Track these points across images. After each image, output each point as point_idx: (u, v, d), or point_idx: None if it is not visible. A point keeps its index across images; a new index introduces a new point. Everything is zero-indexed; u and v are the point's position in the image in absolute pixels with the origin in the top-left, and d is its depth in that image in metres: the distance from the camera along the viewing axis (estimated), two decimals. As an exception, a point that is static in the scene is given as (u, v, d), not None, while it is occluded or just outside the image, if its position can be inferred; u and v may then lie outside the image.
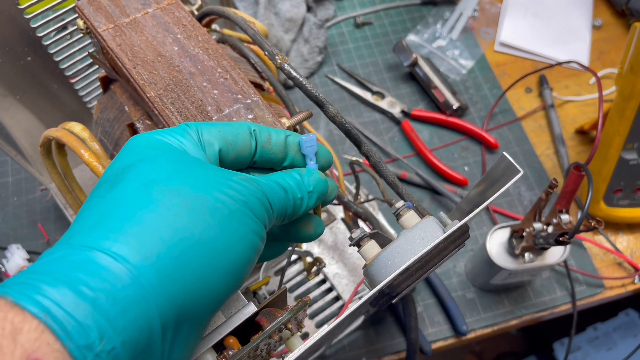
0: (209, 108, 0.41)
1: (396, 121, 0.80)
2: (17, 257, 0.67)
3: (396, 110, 0.80)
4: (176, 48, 0.44)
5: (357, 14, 0.90)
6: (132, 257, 0.23)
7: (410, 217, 0.39)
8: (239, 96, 0.42)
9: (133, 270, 0.23)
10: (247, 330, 0.33)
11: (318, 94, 0.44)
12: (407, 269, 0.34)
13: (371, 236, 0.41)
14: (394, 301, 0.36)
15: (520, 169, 0.35)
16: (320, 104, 0.44)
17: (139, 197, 0.25)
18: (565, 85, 0.86)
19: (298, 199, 0.32)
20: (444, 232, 0.36)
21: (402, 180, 0.75)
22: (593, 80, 0.87)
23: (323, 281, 0.65)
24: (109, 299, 0.21)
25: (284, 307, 0.36)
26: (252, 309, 0.32)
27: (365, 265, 0.38)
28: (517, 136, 0.80)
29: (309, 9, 0.85)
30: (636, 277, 0.70)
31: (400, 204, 0.40)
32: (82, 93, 0.61)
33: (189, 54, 0.44)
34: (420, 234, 0.36)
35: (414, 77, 0.84)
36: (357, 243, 0.39)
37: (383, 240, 0.41)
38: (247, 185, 0.28)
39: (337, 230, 0.67)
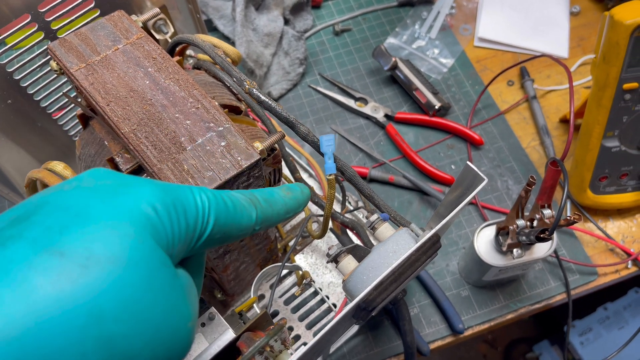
0: (182, 139, 0.42)
1: (381, 125, 0.81)
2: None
3: (380, 115, 0.81)
4: (147, 82, 0.45)
5: (336, 21, 0.91)
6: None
7: (384, 230, 0.40)
8: (211, 124, 0.43)
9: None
10: (230, 355, 0.34)
11: (288, 115, 0.45)
12: (380, 283, 0.35)
13: (349, 250, 0.42)
14: (373, 313, 0.37)
15: (485, 177, 0.36)
16: (291, 125, 0.45)
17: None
18: (547, 75, 0.86)
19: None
20: (416, 243, 0.37)
21: (391, 183, 0.76)
22: (574, 67, 0.87)
23: (317, 292, 0.66)
24: None
25: (267, 329, 0.37)
26: (229, 335, 0.33)
27: (344, 280, 0.39)
28: (501, 130, 0.81)
29: (286, 21, 0.86)
30: (629, 262, 0.70)
31: (374, 217, 0.41)
32: (66, 128, 0.62)
33: (160, 87, 0.45)
34: (392, 246, 0.37)
35: (395, 80, 0.85)
36: (334, 259, 0.40)
37: (363, 252, 0.42)
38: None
39: (328, 240, 0.68)
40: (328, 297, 0.65)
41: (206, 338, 0.35)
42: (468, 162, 0.37)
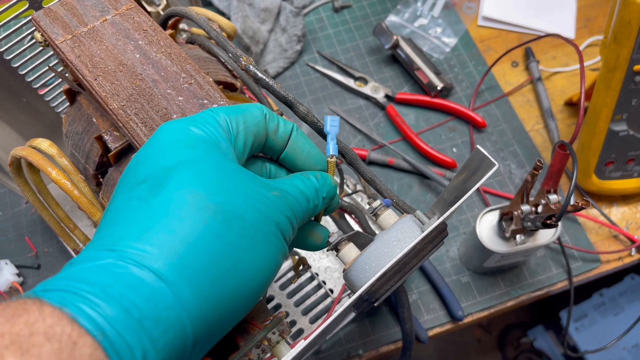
0: (175, 116, 0.40)
1: (381, 106, 0.78)
2: (6, 273, 0.66)
3: (380, 95, 0.78)
4: (138, 55, 0.42)
5: (335, -3, 0.87)
6: (176, 278, 0.23)
7: (387, 217, 0.38)
8: (205, 101, 0.41)
9: (175, 291, 0.23)
10: (227, 348, 0.32)
11: (287, 94, 0.42)
12: (384, 273, 0.33)
13: (350, 238, 0.40)
14: (376, 304, 0.35)
15: (496, 162, 0.34)
16: (289, 104, 0.42)
17: (185, 212, 0.25)
18: (553, 56, 0.84)
19: (314, 205, 0.32)
20: (422, 232, 0.35)
21: (390, 166, 0.74)
22: (581, 47, 0.85)
23: (313, 277, 0.64)
24: (153, 320, 0.22)
25: (264, 320, 0.36)
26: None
27: (344, 269, 0.37)
28: (505, 113, 0.79)
29: (284, -4, 0.83)
30: (633, 249, 0.69)
31: (377, 203, 0.39)
32: (53, 104, 0.59)
33: (151, 61, 0.42)
34: (396, 235, 0.35)
35: (397, 60, 0.82)
36: (335, 247, 0.38)
37: (364, 239, 0.40)
38: (279, 203, 0.28)
39: (325, 225, 0.66)
40: (325, 283, 0.63)
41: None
42: (478, 146, 0.35)
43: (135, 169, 0.27)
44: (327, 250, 0.64)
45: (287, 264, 0.64)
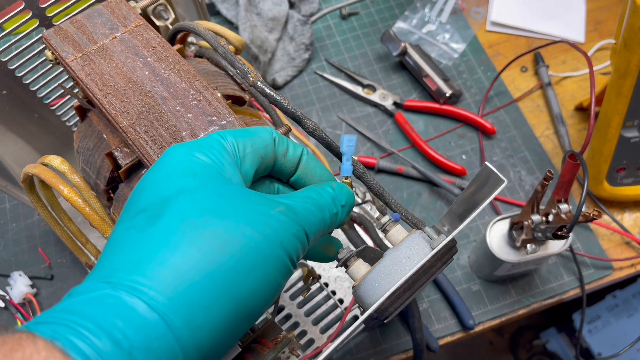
0: (184, 133, 0.40)
1: (389, 114, 0.78)
2: (20, 284, 0.67)
3: (388, 103, 0.78)
4: (147, 72, 0.43)
5: (343, 4, 0.87)
6: (167, 307, 0.23)
7: (396, 232, 0.38)
8: (214, 118, 0.41)
9: (167, 320, 0.23)
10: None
11: (294, 109, 0.42)
12: (393, 292, 0.33)
13: (359, 253, 0.40)
14: (386, 322, 0.35)
15: (504, 179, 0.34)
16: (297, 120, 0.42)
17: (179, 241, 0.25)
18: (563, 60, 0.83)
19: (333, 214, 0.31)
20: (431, 249, 0.35)
21: (399, 174, 0.74)
22: (591, 52, 0.84)
23: (324, 286, 0.64)
24: (143, 350, 0.22)
25: (274, 338, 0.36)
26: (235, 350, 0.31)
27: (354, 286, 0.37)
28: (514, 119, 0.78)
29: (291, 5, 0.83)
30: (645, 255, 0.68)
31: (385, 219, 0.39)
32: (64, 118, 0.60)
33: (160, 78, 0.42)
34: (405, 252, 0.35)
35: (405, 67, 0.82)
36: (344, 263, 0.38)
37: (373, 254, 0.40)
38: (284, 220, 0.27)
39: (335, 234, 0.66)
40: (334, 293, 0.63)
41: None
42: (487, 163, 0.35)
43: (137, 197, 0.27)
44: (336, 267, 0.64)
45: (297, 273, 0.64)
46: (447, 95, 0.76)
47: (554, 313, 1.53)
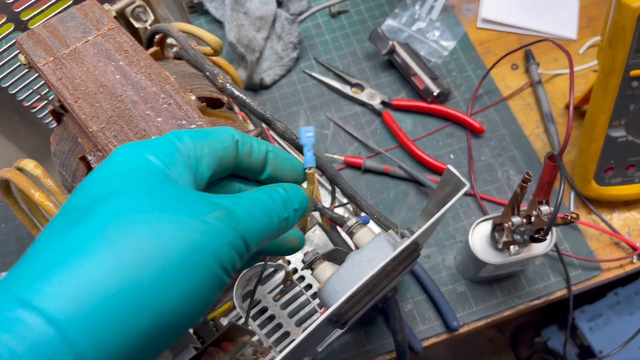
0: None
1: (377, 113, 0.78)
2: (7, 285, 0.67)
3: (376, 102, 0.78)
4: (118, 76, 0.43)
5: (332, 2, 0.87)
6: (68, 322, 0.21)
7: (363, 235, 0.38)
8: (183, 122, 0.41)
9: (67, 336, 0.21)
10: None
11: (264, 111, 0.42)
12: (352, 295, 0.33)
13: (328, 255, 0.40)
14: (347, 326, 0.35)
15: (466, 182, 0.33)
16: (267, 122, 0.42)
17: (94, 249, 0.23)
18: (554, 57, 0.82)
19: (283, 219, 0.30)
20: (394, 251, 0.35)
21: (386, 174, 0.73)
22: (583, 48, 0.83)
23: (302, 292, 0.64)
24: None
25: (236, 339, 0.36)
26: (189, 353, 0.31)
27: (319, 288, 0.37)
28: (504, 117, 0.77)
29: (279, 4, 0.83)
30: (634, 256, 0.67)
31: (352, 221, 0.39)
32: (46, 121, 0.60)
33: (131, 82, 0.42)
34: (368, 255, 0.35)
35: (394, 65, 0.82)
36: (309, 266, 0.38)
37: (342, 256, 0.40)
38: (219, 227, 0.25)
39: (314, 236, 0.66)
40: (315, 297, 0.63)
41: (171, 351, 0.33)
42: (449, 166, 0.34)
43: (71, 199, 0.25)
44: (302, 269, 0.63)
45: (281, 274, 0.64)
46: (435, 94, 0.76)
47: (555, 310, 1.52)
